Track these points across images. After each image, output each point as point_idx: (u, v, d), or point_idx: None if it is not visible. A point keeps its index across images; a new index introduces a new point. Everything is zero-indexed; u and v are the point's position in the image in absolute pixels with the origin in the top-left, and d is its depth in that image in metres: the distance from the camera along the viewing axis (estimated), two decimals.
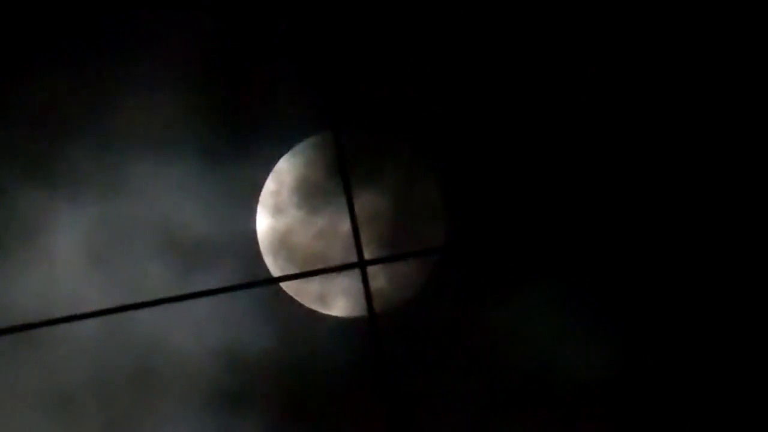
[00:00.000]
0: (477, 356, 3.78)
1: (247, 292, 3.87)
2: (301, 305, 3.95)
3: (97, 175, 3.90)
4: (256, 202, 3.93)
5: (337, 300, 3.88)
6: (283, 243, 3.91)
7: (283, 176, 3.86)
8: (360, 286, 3.80)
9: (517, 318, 3.78)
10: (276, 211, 3.87)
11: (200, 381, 3.90)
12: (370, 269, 3.78)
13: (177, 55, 3.92)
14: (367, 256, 3.79)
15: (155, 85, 3.90)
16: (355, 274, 3.81)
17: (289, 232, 3.87)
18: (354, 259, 3.79)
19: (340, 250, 3.81)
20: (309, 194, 3.83)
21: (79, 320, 3.81)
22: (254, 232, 3.92)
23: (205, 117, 3.92)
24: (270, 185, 3.87)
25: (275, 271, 3.91)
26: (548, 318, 3.77)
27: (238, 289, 3.89)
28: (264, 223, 3.89)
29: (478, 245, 3.74)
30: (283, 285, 3.91)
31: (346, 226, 3.82)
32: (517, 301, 3.77)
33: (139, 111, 3.89)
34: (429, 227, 3.81)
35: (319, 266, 3.83)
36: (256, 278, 3.89)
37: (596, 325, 3.74)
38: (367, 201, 3.86)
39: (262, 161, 3.93)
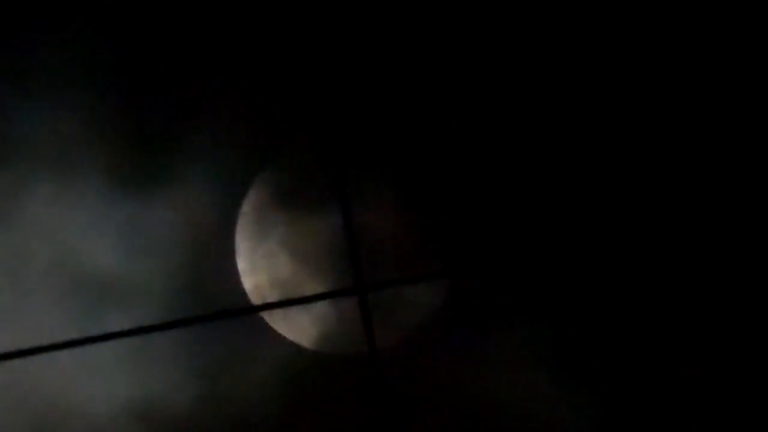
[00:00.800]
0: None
1: (164, 334, 3.51)
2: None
3: None
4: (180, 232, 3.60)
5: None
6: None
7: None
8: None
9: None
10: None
11: None
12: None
13: (84, 64, 3.63)
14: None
15: (57, 97, 3.61)
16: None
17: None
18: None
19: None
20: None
21: None
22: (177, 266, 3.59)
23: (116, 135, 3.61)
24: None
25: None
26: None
27: (155, 330, 3.47)
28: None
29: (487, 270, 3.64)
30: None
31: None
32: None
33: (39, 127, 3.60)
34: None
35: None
36: (172, 318, 3.51)
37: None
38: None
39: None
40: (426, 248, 3.65)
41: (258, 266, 3.63)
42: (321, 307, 3.62)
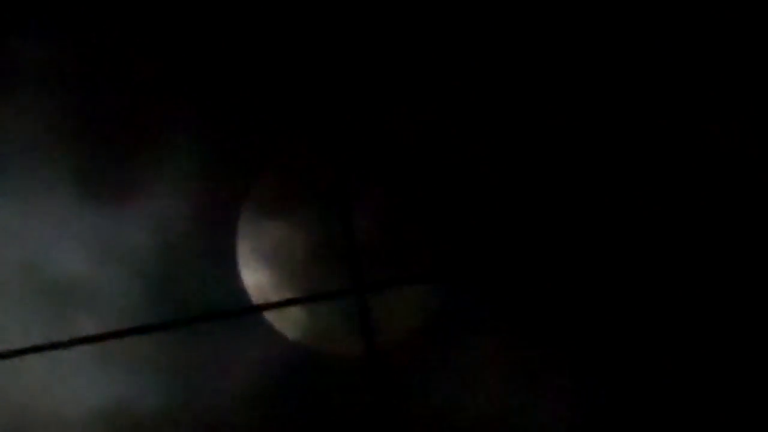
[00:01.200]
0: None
1: (160, 335, 3.55)
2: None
3: None
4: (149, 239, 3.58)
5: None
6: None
7: None
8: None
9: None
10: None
11: None
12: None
13: (52, 66, 3.62)
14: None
15: (24, 100, 3.60)
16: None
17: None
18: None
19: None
20: None
21: None
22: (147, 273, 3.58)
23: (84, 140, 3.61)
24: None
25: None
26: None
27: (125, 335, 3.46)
28: None
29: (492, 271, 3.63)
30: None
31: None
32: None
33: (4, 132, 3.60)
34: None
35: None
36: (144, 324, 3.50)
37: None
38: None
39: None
40: (426, 249, 3.64)
41: (258, 266, 3.62)
42: (320, 307, 3.60)
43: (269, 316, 3.61)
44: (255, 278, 3.61)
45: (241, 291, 3.61)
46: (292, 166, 3.64)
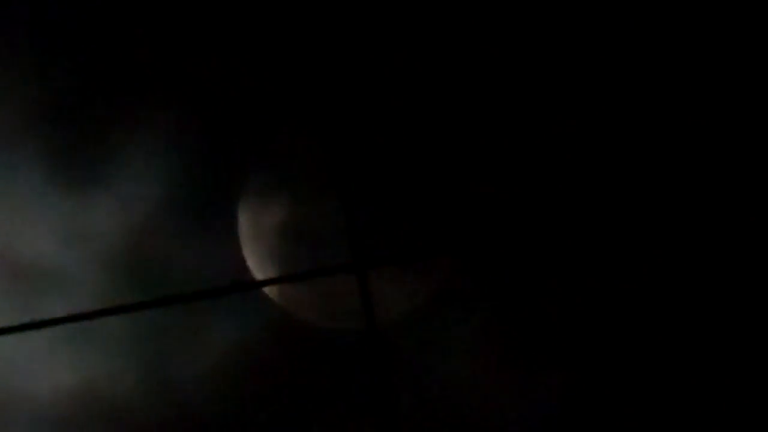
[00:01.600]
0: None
1: (161, 310, 3.56)
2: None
3: None
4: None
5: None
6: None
7: None
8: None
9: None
10: None
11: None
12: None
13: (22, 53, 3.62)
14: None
15: None
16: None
17: None
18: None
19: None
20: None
21: None
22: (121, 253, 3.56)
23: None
24: None
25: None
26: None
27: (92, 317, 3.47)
28: None
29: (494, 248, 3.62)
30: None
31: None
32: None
33: None
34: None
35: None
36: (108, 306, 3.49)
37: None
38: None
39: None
40: (426, 226, 3.64)
41: (259, 243, 3.63)
42: (320, 284, 3.61)
43: (269, 292, 3.63)
44: (254, 255, 3.62)
45: (240, 268, 3.63)
46: (291, 146, 3.64)
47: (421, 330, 3.61)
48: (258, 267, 3.61)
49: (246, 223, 3.62)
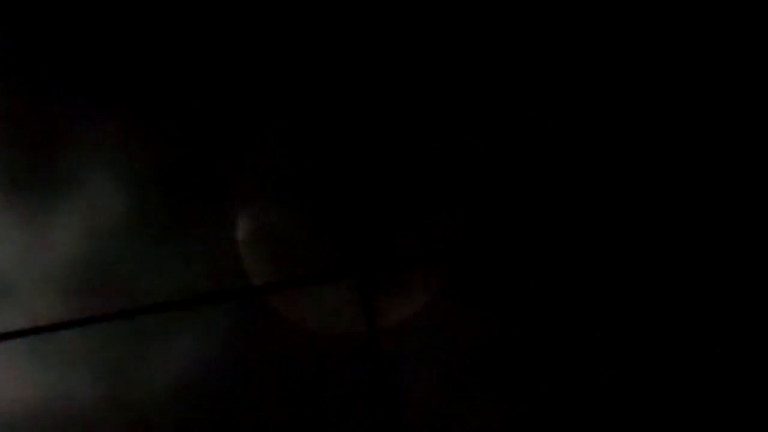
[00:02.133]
0: None
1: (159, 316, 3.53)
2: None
3: None
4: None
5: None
6: None
7: None
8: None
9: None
10: None
11: None
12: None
13: None
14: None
15: None
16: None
17: None
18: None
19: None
20: None
21: None
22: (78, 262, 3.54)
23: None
24: None
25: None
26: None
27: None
28: None
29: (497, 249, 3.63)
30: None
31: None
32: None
33: None
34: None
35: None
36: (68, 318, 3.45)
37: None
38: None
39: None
40: (426, 230, 3.64)
41: (258, 248, 3.61)
42: (320, 289, 3.60)
43: (271, 298, 3.62)
44: (255, 260, 3.61)
45: (239, 273, 3.61)
46: (290, 150, 3.63)
47: (421, 336, 3.62)
48: (257, 272, 3.62)
49: (244, 229, 3.61)
